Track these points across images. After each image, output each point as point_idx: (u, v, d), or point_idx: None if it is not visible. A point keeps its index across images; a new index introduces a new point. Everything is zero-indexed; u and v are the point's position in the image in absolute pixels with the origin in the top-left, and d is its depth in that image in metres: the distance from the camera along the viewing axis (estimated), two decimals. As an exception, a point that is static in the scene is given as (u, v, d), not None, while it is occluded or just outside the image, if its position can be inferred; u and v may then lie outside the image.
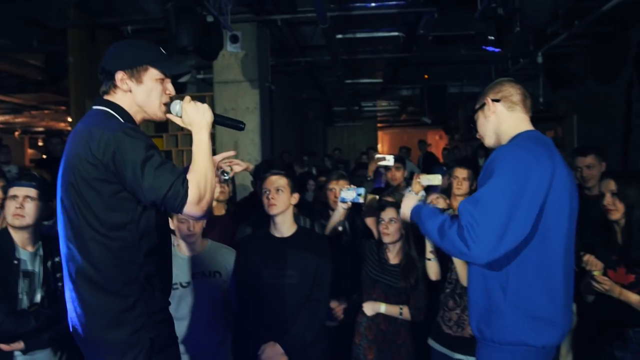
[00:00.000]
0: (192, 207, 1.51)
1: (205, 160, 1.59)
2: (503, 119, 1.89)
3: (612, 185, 2.46)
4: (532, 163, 1.66)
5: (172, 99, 1.76)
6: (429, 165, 9.43)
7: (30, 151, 17.86)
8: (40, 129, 17.48)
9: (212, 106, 6.24)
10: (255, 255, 2.53)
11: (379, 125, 18.10)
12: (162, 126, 6.86)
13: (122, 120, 1.67)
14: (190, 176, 1.54)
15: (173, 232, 2.54)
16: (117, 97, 1.71)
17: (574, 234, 1.82)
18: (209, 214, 1.58)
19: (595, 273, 2.34)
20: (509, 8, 3.65)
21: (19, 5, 5.93)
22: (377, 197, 3.10)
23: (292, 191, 2.55)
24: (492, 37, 4.02)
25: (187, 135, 6.87)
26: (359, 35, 7.06)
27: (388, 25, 6.92)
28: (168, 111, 1.76)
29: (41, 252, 2.33)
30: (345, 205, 2.76)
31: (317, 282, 2.52)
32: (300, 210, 3.16)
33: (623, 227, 2.44)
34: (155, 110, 1.74)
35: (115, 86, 1.70)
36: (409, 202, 2.00)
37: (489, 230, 1.60)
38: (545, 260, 1.72)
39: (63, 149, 5.37)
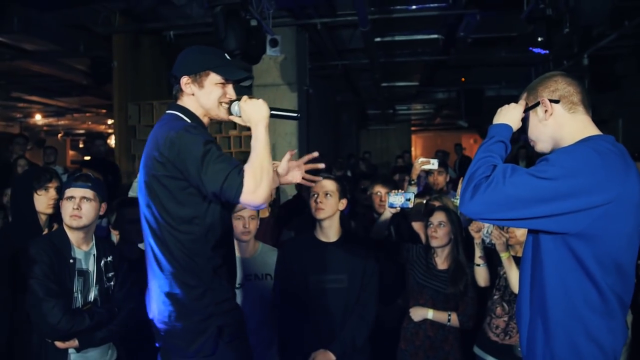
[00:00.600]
0: (248, 195, 1.57)
1: (261, 151, 1.65)
2: (564, 123, 1.62)
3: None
4: (601, 179, 1.44)
5: (232, 101, 1.86)
6: (465, 169, 9.27)
7: (71, 152, 18.42)
8: (81, 131, 18.02)
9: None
10: (301, 260, 2.52)
11: (412, 128, 17.96)
12: (215, 128, 6.92)
13: (188, 121, 1.80)
14: (246, 166, 1.61)
15: None
16: (185, 101, 1.85)
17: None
18: (266, 202, 1.65)
19: None
20: (560, 8, 3.54)
21: (67, 12, 6.15)
22: (424, 201, 3.05)
23: (341, 196, 2.53)
24: (542, 38, 3.90)
25: (237, 138, 6.96)
26: (397, 38, 7.02)
27: (427, 28, 6.85)
28: (230, 113, 1.86)
29: (95, 251, 2.38)
30: (393, 210, 2.73)
31: (364, 286, 2.50)
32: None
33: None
34: (216, 112, 1.85)
35: (181, 90, 1.84)
36: (514, 112, 1.71)
37: (499, 201, 1.45)
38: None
39: (106, 150, 5.53)
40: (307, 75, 6.71)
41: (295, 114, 1.86)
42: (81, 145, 18.34)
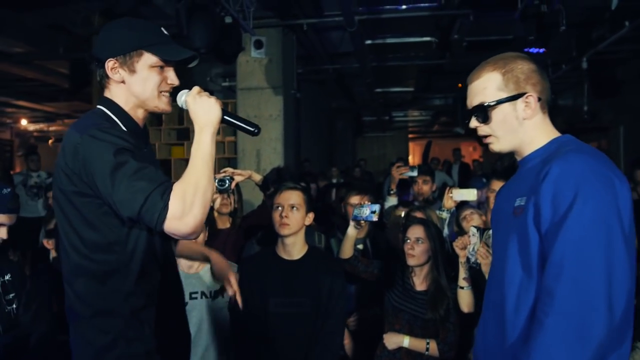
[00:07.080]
0: (173, 222, 1.22)
1: (200, 166, 1.29)
2: (538, 124, 1.38)
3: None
4: (614, 179, 1.22)
5: (176, 89, 1.47)
6: (465, 176, 8.97)
7: (64, 159, 18.10)
8: (74, 137, 17.75)
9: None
10: (260, 280, 2.23)
11: (410, 135, 17.68)
12: (184, 134, 6.71)
13: (115, 120, 1.43)
14: (176, 185, 1.25)
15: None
16: (113, 91, 1.46)
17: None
18: (198, 232, 1.28)
19: None
20: (554, 5, 3.27)
21: (45, 12, 5.90)
22: (403, 213, 2.74)
23: (308, 210, 2.24)
24: (532, 37, 3.62)
25: (220, 143, 6.70)
26: (389, 40, 6.75)
27: (420, 30, 6.58)
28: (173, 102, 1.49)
29: None
30: (357, 225, 2.44)
31: (330, 311, 2.20)
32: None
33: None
34: (155, 102, 1.46)
35: (107, 77, 1.44)
36: None
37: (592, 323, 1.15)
38: None
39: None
40: (294, 79, 6.43)
41: (253, 129, 1.46)
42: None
